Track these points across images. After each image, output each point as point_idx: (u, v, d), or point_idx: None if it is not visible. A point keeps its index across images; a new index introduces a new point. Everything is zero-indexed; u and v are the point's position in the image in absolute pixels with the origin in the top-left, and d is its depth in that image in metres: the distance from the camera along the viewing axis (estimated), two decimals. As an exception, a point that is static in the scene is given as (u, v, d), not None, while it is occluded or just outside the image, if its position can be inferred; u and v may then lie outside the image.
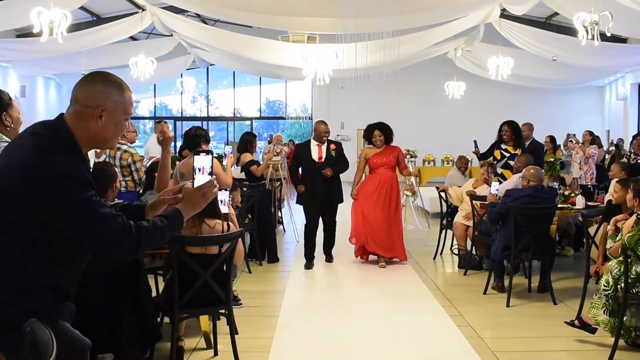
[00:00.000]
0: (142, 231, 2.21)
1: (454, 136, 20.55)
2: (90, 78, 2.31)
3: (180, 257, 4.04)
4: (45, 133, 2.20)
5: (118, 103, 2.29)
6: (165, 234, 2.31)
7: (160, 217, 2.33)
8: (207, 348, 4.80)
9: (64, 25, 9.13)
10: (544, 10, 15.48)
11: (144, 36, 16.69)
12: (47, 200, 2.09)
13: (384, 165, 7.81)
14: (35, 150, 2.13)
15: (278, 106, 27.58)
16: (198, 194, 2.44)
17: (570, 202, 7.19)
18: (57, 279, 2.24)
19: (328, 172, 7.53)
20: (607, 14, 9.17)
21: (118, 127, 2.32)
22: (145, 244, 2.23)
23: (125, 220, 2.19)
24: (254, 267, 7.67)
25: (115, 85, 2.29)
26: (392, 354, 4.83)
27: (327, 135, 7.86)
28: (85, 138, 2.26)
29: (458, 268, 7.79)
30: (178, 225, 2.37)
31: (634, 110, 19.36)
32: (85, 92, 2.27)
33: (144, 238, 2.21)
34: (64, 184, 2.10)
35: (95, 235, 2.15)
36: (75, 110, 2.26)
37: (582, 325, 4.95)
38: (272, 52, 14.30)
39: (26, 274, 2.16)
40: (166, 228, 2.30)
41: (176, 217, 2.36)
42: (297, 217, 10.96)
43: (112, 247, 2.19)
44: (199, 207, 2.47)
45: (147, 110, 25.98)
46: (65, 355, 2.06)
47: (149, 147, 9.34)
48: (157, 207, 2.51)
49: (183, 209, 2.40)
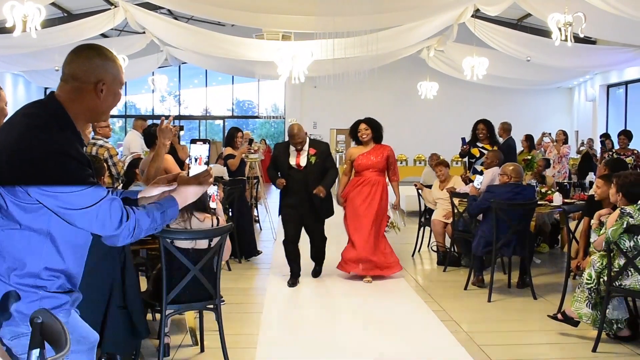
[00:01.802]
0: (139, 217, 2.17)
1: (426, 136, 20.72)
2: (84, 52, 2.24)
3: (169, 251, 3.98)
4: (38, 112, 2.15)
5: (115, 75, 2.26)
6: (159, 222, 2.26)
7: (156, 205, 2.28)
8: (193, 344, 4.76)
9: (38, 19, 8.97)
10: (516, 12, 15.69)
11: (116, 33, 16.48)
12: (44, 180, 2.03)
13: (372, 167, 6.85)
14: (28, 129, 2.07)
15: (248, 106, 27.47)
16: (194, 183, 2.40)
17: (547, 199, 7.29)
18: (66, 265, 2.19)
19: (321, 194, 6.49)
20: (580, 15, 9.34)
21: (116, 99, 2.30)
22: (139, 230, 2.18)
23: (122, 205, 2.14)
24: (234, 265, 7.62)
25: (111, 57, 2.27)
26: (378, 348, 4.83)
27: (301, 144, 6.66)
28: (81, 113, 2.21)
29: (437, 265, 7.83)
30: (173, 214, 2.31)
31: (602, 111, 19.71)
32: (84, 67, 2.20)
33: (138, 224, 2.16)
34: (61, 162, 2.05)
35: (92, 219, 2.08)
36: (73, 87, 2.20)
37: (565, 318, 5.02)
38: (246, 51, 14.23)
39: (35, 260, 2.11)
40: (161, 216, 2.25)
41: (171, 206, 2.30)
42: (274, 216, 10.94)
43: (107, 231, 2.12)
44: (195, 197, 2.41)
45: (116, 108, 25.65)
46: (75, 347, 2.02)
47: (129, 143, 9.22)
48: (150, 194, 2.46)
49: (178, 197, 2.34)
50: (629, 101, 18.65)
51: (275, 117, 25.47)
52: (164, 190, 2.42)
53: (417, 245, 8.46)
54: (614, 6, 9.54)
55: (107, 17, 12.91)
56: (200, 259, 4.06)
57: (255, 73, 17.42)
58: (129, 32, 15.80)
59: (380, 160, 6.86)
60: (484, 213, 6.38)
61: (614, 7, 9.59)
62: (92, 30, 13.30)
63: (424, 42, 15.49)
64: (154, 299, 4.24)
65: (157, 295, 4.16)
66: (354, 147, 7.13)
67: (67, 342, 1.80)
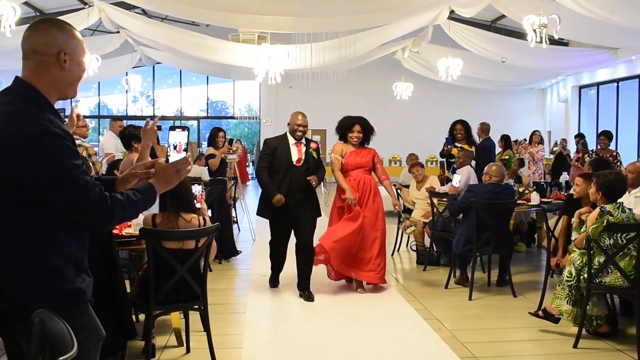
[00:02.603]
0: (117, 203, 2.15)
1: (402, 136, 20.86)
2: (40, 25, 2.22)
3: (156, 252, 3.97)
4: (11, 98, 2.13)
5: (76, 43, 2.24)
6: (138, 208, 2.27)
7: (134, 191, 2.26)
8: (178, 345, 4.73)
9: (13, 19, 8.87)
10: (490, 14, 15.88)
11: (89, 33, 16.32)
12: (34, 162, 2.02)
13: (362, 167, 6.49)
14: (8, 116, 2.06)
15: (221, 106, 27.37)
16: (172, 170, 2.37)
17: (525, 198, 7.40)
18: (72, 247, 2.19)
19: (314, 182, 6.09)
20: (555, 17, 9.50)
21: (81, 68, 2.28)
22: (118, 216, 2.17)
23: (102, 190, 2.13)
24: (214, 266, 7.61)
25: (68, 28, 2.25)
26: (362, 347, 4.86)
27: (303, 131, 6.24)
28: (52, 89, 2.20)
29: (417, 264, 7.90)
30: (151, 201, 2.31)
31: (574, 112, 20.04)
32: (42, 40, 2.18)
33: (117, 210, 2.15)
34: (48, 142, 2.04)
35: (73, 202, 2.07)
36: (36, 62, 2.18)
37: (545, 315, 5.11)
38: (223, 51, 14.18)
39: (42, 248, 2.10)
40: (139, 202, 2.24)
41: (149, 192, 2.30)
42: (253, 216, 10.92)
43: (87, 216, 2.11)
44: (173, 184, 2.40)
45: (88, 109, 25.35)
46: (84, 344, 2.00)
47: (103, 144, 9.15)
48: (128, 180, 2.44)
49: (156, 184, 2.34)
50: (600, 102, 18.98)
51: (250, 117, 25.42)
52: (142, 177, 2.42)
53: (397, 245, 8.52)
54: (587, 8, 9.73)
55: (81, 16, 12.77)
56: (187, 259, 4.05)
57: (230, 73, 17.38)
58: (103, 32, 15.68)
59: (369, 161, 6.53)
60: (464, 212, 6.45)
61: (586, 9, 9.78)
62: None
63: (398, 43, 15.60)
64: (141, 299, 4.22)
65: (144, 296, 4.14)
66: (342, 144, 6.60)
67: (73, 342, 1.79)
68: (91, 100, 25.43)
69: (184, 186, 4.21)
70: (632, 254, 4.59)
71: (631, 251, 4.59)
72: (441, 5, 11.88)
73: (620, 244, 4.59)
